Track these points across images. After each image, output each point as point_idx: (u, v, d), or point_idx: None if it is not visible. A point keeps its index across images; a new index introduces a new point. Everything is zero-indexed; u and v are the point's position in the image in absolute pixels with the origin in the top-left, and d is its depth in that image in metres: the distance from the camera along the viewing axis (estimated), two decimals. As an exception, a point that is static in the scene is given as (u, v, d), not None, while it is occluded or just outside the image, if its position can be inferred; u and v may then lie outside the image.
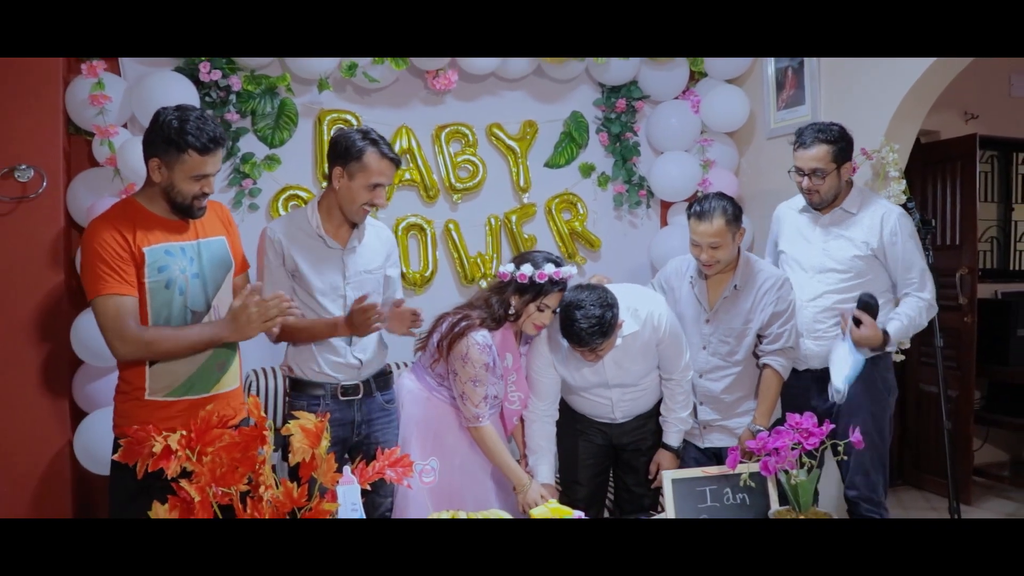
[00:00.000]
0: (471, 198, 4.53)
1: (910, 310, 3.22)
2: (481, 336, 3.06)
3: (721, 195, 3.24)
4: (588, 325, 2.93)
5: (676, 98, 4.78)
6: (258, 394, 3.84)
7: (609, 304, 2.98)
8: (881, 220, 3.28)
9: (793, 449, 2.64)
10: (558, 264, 3.11)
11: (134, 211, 2.58)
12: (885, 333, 3.17)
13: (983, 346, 5.27)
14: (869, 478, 3.31)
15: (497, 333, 3.14)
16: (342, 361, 3.03)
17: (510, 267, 3.14)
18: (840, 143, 3.25)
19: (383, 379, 3.17)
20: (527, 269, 3.08)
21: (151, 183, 2.59)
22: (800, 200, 3.47)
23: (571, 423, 3.43)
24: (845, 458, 2.76)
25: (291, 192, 4.18)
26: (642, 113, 4.83)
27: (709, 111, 4.70)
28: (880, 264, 3.29)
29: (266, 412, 3.88)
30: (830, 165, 3.25)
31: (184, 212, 2.61)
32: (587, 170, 4.75)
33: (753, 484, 2.80)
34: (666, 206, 4.90)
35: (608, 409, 3.34)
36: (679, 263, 3.51)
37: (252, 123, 4.12)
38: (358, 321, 2.87)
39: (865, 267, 3.28)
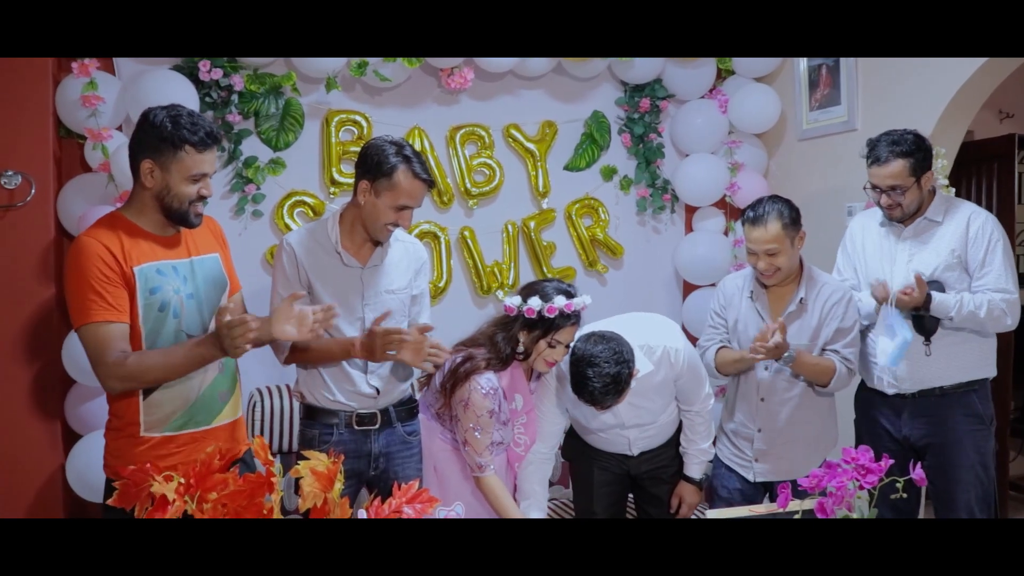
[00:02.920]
0: (487, 203, 4.33)
1: (972, 296, 2.95)
2: (486, 380, 2.83)
3: (776, 198, 3.01)
4: (602, 385, 2.71)
5: (702, 97, 4.56)
6: (263, 415, 3.61)
7: (625, 360, 2.74)
8: (968, 221, 3.02)
9: (852, 487, 2.39)
10: (569, 295, 2.86)
11: (122, 226, 2.34)
12: (929, 297, 2.92)
13: (1018, 354, 5.02)
14: (974, 517, 3.05)
15: (505, 374, 2.91)
16: (356, 389, 2.78)
17: (516, 300, 2.89)
18: (918, 154, 2.98)
19: (405, 409, 2.92)
20: (535, 303, 2.84)
21: (140, 193, 2.37)
22: (879, 211, 3.20)
23: (584, 448, 3.22)
24: (902, 495, 2.50)
25: (297, 198, 3.98)
26: (667, 113, 4.60)
27: (737, 111, 4.47)
28: (967, 276, 3.03)
29: (272, 433, 3.66)
30: (908, 180, 2.99)
31: (180, 220, 2.38)
32: (609, 173, 4.55)
33: (807, 524, 2.56)
34: (691, 211, 4.69)
35: (625, 446, 3.14)
36: (735, 277, 3.27)
37: (255, 125, 3.92)
38: (375, 344, 2.63)
39: (955, 280, 3.01)
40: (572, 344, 2.82)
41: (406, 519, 2.23)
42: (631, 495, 3.35)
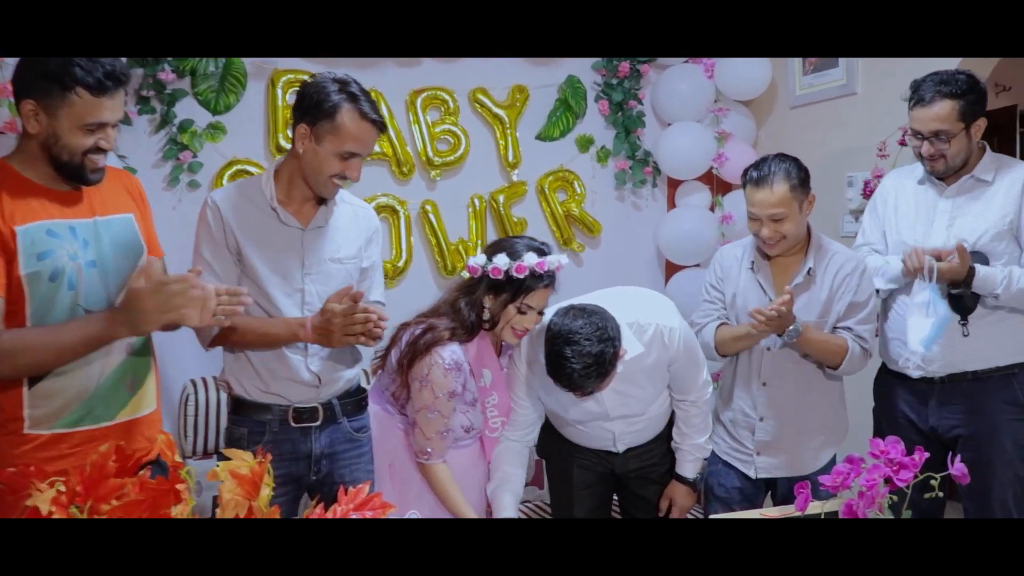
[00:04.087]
0: (451, 175, 4.01)
1: (1023, 272, 2.60)
2: (449, 353, 2.47)
3: (783, 156, 2.65)
4: (582, 366, 2.32)
5: (686, 61, 4.21)
6: (197, 410, 3.21)
7: (609, 337, 2.35)
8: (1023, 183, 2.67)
9: (884, 486, 2.04)
10: (542, 252, 2.50)
11: (3, 177, 1.93)
12: (972, 270, 2.57)
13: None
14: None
15: (471, 345, 2.54)
16: (292, 377, 2.38)
17: (481, 259, 2.52)
18: (969, 96, 2.60)
19: (353, 402, 2.52)
20: (501, 261, 2.46)
21: (25, 139, 1.96)
22: (918, 168, 2.83)
23: (562, 444, 2.84)
24: (937, 494, 2.14)
25: (239, 167, 3.62)
26: (648, 78, 4.28)
27: (724, 76, 4.14)
28: (1018, 247, 2.67)
29: (208, 432, 3.26)
30: (957, 125, 2.61)
31: (73, 175, 1.97)
32: (585, 143, 4.23)
33: (830, 531, 2.20)
34: (674, 185, 4.36)
35: (609, 442, 2.77)
36: (733, 247, 2.91)
37: (192, 85, 3.56)
38: (331, 327, 2.24)
39: (1002, 250, 2.65)
40: (550, 320, 2.43)
41: (358, 519, 1.93)
42: (615, 497, 2.98)
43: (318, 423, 2.42)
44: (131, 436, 2.02)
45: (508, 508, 2.61)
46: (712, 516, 2.31)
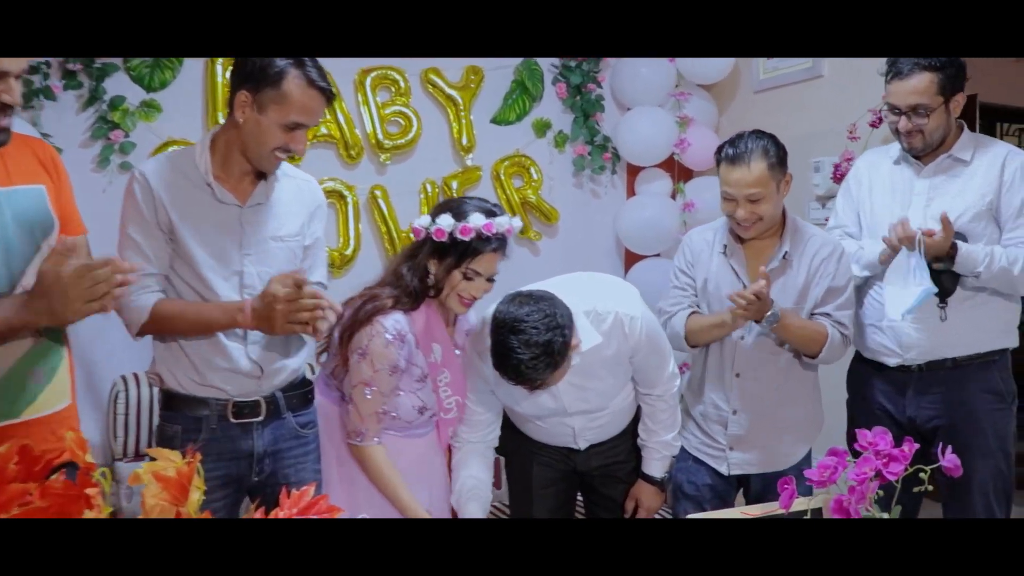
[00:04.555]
0: (402, 159, 3.85)
1: (1005, 252, 2.50)
2: (392, 323, 2.28)
3: (760, 133, 2.51)
4: (529, 356, 2.14)
5: (647, 44, 4.05)
6: (127, 408, 2.99)
7: (558, 325, 2.18)
8: (1003, 163, 2.57)
9: (873, 480, 1.90)
10: (491, 214, 2.35)
11: None
12: (954, 246, 2.47)
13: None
14: (993, 515, 2.59)
15: (418, 316, 2.35)
16: (231, 367, 2.17)
17: (425, 220, 2.34)
18: (949, 69, 2.51)
19: (298, 395, 2.33)
20: (445, 222, 2.28)
21: None
22: (895, 147, 2.73)
23: (521, 441, 2.68)
24: (926, 488, 2.00)
25: (175, 149, 3.34)
26: (607, 61, 4.16)
27: (686, 60, 4.01)
28: (997, 229, 2.58)
29: (140, 432, 3.04)
30: (936, 99, 2.52)
31: None
32: (542, 128, 4.09)
33: (816, 531, 2.05)
34: (634, 172, 4.23)
35: (570, 438, 2.60)
36: (703, 231, 2.75)
37: (123, 60, 3.35)
38: (273, 312, 2.04)
39: (981, 231, 2.56)
40: (495, 308, 2.25)
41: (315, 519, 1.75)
42: (580, 497, 2.81)
43: (260, 418, 2.22)
44: (40, 435, 1.78)
45: (477, 517, 2.45)
46: (690, 516, 2.15)
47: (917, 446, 1.96)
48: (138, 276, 1.88)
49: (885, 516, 1.89)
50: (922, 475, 1.97)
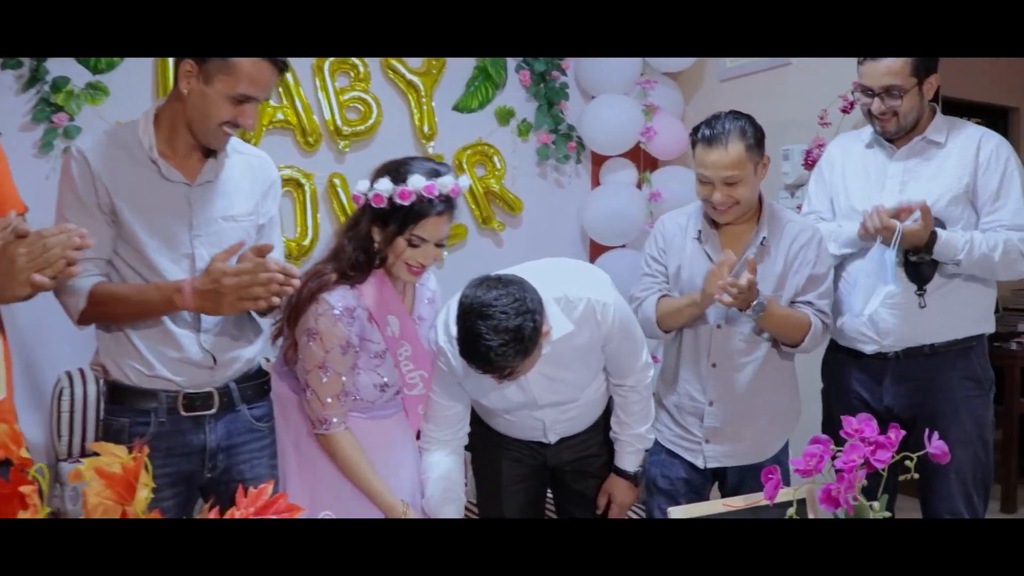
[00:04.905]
0: (362, 146, 3.75)
1: (984, 237, 2.45)
2: (338, 297, 2.16)
3: (738, 114, 2.44)
4: (499, 343, 2.03)
5: (612, 31, 3.98)
6: (72, 405, 2.85)
7: (528, 310, 2.07)
8: (978, 145, 2.52)
9: (860, 468, 1.83)
10: (435, 174, 2.19)
11: None
12: (933, 235, 2.41)
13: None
14: (972, 505, 2.54)
15: (368, 289, 2.23)
16: (182, 356, 2.05)
17: (363, 186, 2.21)
18: None
19: (253, 386, 2.21)
20: (383, 186, 2.14)
21: None
22: (867, 131, 2.67)
23: (489, 435, 2.57)
24: (913, 476, 1.94)
25: (116, 125, 3.21)
26: (571, 49, 4.02)
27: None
28: (974, 213, 2.53)
29: (87, 429, 2.91)
30: (909, 80, 2.46)
31: None
32: (505, 116, 4.01)
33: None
34: (599, 161, 4.17)
35: (540, 432, 2.50)
36: (676, 215, 2.66)
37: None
38: (221, 289, 1.92)
39: (958, 215, 2.50)
40: (462, 293, 2.14)
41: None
42: (550, 492, 2.71)
43: (213, 411, 2.09)
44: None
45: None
46: (670, 509, 2.05)
47: (903, 433, 1.90)
48: (90, 243, 1.73)
49: (875, 504, 1.83)
50: (908, 463, 1.91)
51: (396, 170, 2.17)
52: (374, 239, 2.20)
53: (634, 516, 3.07)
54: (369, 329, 2.23)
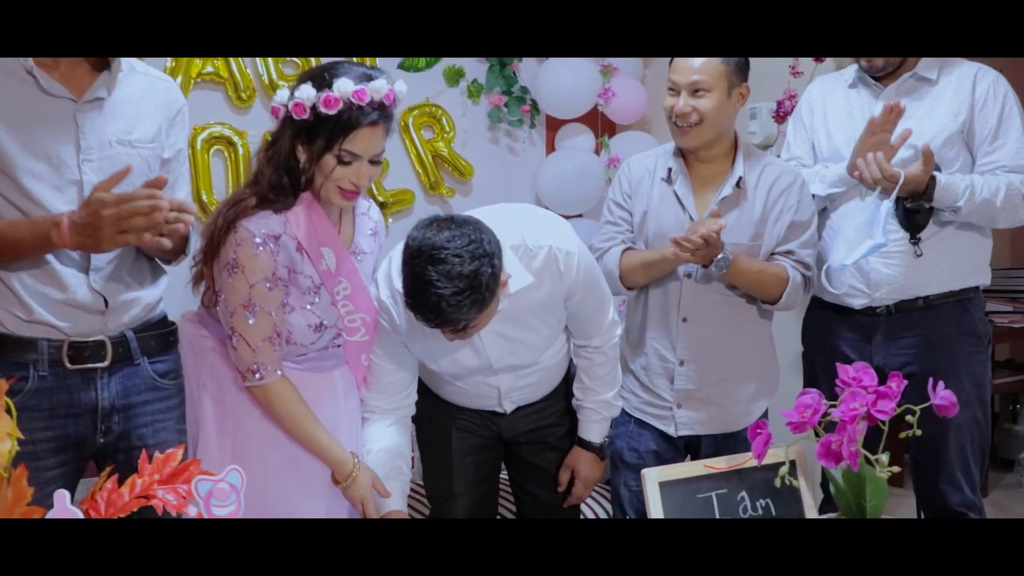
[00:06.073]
0: None
1: (985, 180, 2.27)
2: (258, 224, 1.91)
3: None
4: (452, 291, 1.79)
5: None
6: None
7: (486, 253, 1.83)
8: (974, 80, 2.34)
9: (860, 421, 1.63)
10: (367, 78, 1.92)
11: None
12: (933, 180, 2.22)
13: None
14: (970, 475, 2.35)
15: (297, 216, 1.97)
16: (67, 299, 1.78)
17: (282, 95, 1.95)
18: None
19: (155, 336, 1.94)
20: (305, 94, 1.88)
21: None
22: (850, 71, 2.49)
23: (436, 405, 2.34)
24: (918, 432, 1.74)
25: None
26: (525, 5, 3.78)
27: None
28: (970, 156, 2.35)
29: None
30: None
31: None
32: (454, 76, 3.73)
33: (794, 482, 1.75)
34: (555, 126, 3.91)
35: (494, 400, 2.27)
36: (643, 158, 2.45)
37: None
38: (101, 222, 1.66)
39: (953, 157, 2.32)
40: (408, 235, 1.89)
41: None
42: (504, 467, 2.48)
43: (106, 364, 1.83)
44: None
45: (393, 498, 2.10)
46: (645, 471, 1.82)
47: (906, 382, 1.70)
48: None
49: (882, 457, 1.62)
50: (909, 417, 1.72)
51: (320, 75, 1.91)
52: (298, 158, 1.94)
53: (598, 495, 2.85)
54: (299, 261, 1.97)
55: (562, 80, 3.67)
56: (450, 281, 1.78)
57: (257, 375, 1.94)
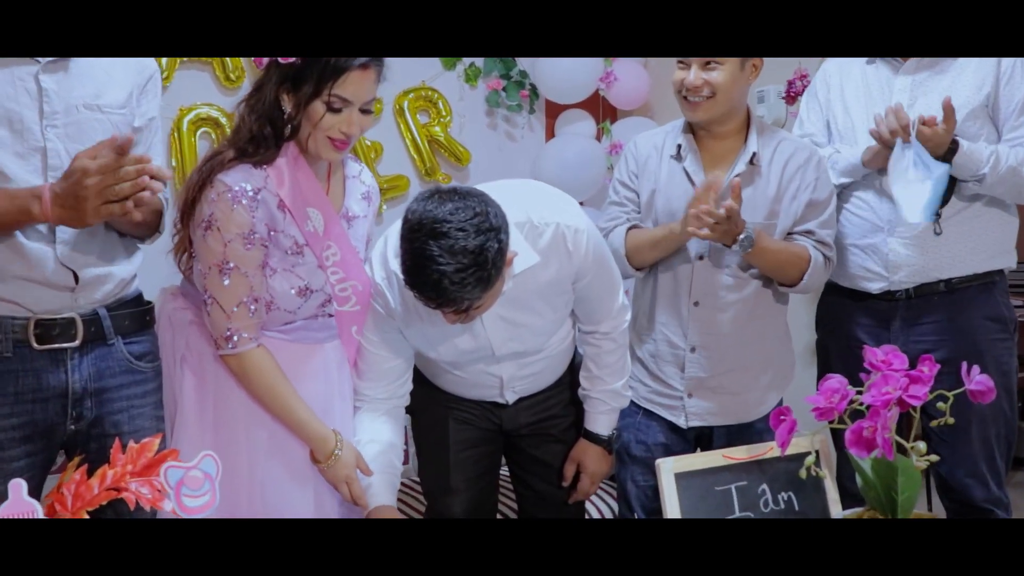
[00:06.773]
0: None
1: (1013, 150, 2.15)
2: (236, 178, 1.81)
3: None
4: (455, 267, 1.66)
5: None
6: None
7: (492, 227, 1.71)
8: None
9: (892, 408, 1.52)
10: None
11: None
12: (955, 144, 2.10)
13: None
14: (995, 467, 2.25)
15: (278, 173, 1.86)
16: (32, 274, 1.66)
17: None
18: None
19: (131, 314, 1.83)
20: None
21: None
22: None
23: (433, 395, 2.22)
24: (951, 421, 1.63)
25: None
26: (524, -14, 3.68)
27: (611, -14, 3.60)
28: (995, 131, 2.23)
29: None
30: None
31: None
32: (451, 59, 3.63)
33: (820, 472, 1.64)
34: (554, 112, 3.81)
35: (495, 390, 2.15)
36: (651, 135, 2.34)
37: None
38: (84, 193, 1.54)
39: (976, 132, 2.20)
40: (408, 208, 1.76)
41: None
42: (504, 461, 2.37)
43: (76, 344, 1.72)
44: None
45: (382, 493, 1.97)
46: (659, 461, 1.71)
47: (938, 366, 1.59)
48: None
49: (920, 445, 1.51)
50: (941, 404, 1.61)
51: None
52: (283, 108, 1.83)
53: (604, 492, 2.74)
54: (281, 219, 1.86)
55: (562, 64, 3.57)
56: (453, 257, 1.66)
57: (230, 343, 1.82)
